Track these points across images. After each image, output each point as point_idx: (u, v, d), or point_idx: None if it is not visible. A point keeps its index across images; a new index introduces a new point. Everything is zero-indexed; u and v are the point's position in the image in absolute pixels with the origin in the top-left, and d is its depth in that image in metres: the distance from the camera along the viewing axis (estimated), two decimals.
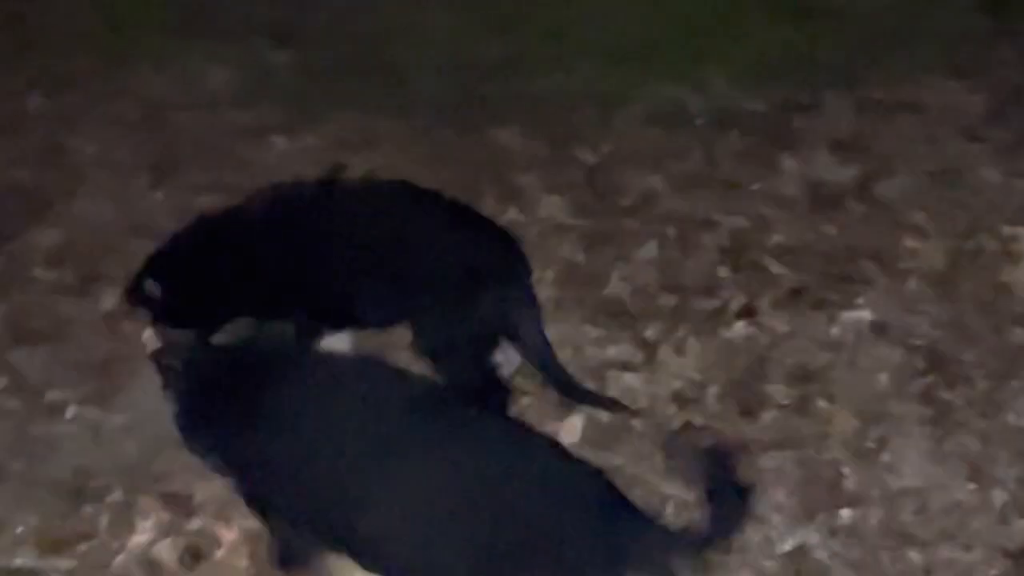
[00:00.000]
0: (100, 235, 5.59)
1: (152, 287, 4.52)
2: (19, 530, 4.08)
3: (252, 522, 4.00)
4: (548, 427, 4.53)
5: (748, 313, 5.06)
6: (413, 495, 3.32)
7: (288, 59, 7.11)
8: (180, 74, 6.91)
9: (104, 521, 4.08)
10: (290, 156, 6.24)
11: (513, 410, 4.59)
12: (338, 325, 4.61)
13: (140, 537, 4.05)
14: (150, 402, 4.53)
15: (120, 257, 5.40)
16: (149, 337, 4.69)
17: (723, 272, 5.32)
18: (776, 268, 5.32)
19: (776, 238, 5.52)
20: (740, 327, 4.99)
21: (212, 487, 4.19)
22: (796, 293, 5.16)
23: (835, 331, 4.95)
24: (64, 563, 4.01)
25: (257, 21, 7.40)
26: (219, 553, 3.94)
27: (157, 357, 4.04)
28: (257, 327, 4.11)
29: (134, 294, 4.57)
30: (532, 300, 4.48)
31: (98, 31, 7.30)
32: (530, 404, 4.65)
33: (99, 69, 6.93)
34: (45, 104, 6.63)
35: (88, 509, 4.17)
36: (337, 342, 4.68)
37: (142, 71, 6.90)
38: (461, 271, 4.33)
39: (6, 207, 5.74)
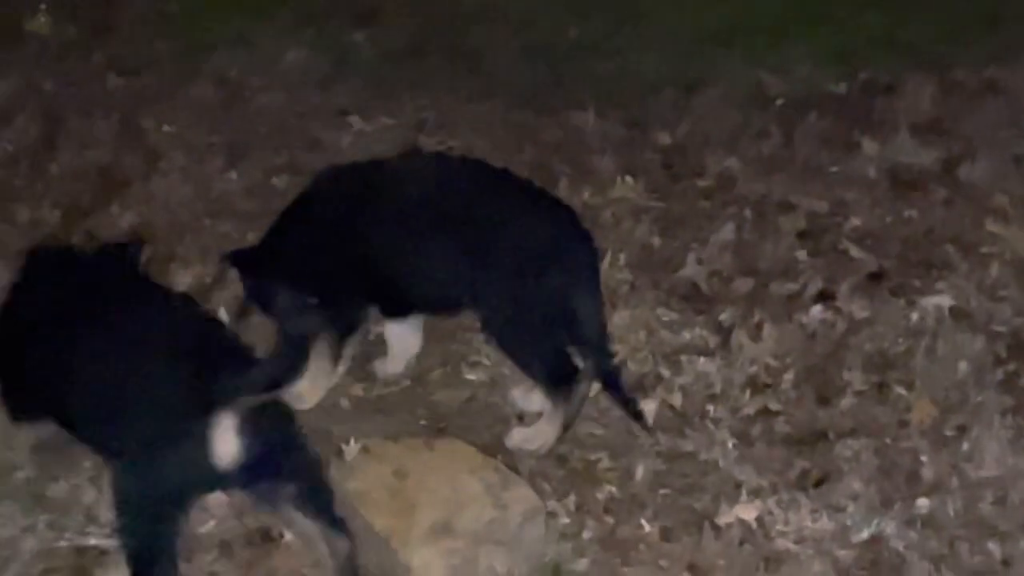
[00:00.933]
0: (175, 215, 5.62)
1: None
2: (90, 508, 4.09)
3: None
4: (622, 411, 4.49)
5: (826, 297, 4.97)
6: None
7: (366, 39, 7.11)
8: (258, 55, 6.93)
9: None
10: (366, 137, 6.23)
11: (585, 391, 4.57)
12: (402, 310, 4.59)
13: (212, 516, 4.04)
14: None
15: (194, 237, 5.45)
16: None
17: (801, 256, 5.24)
18: (855, 252, 5.23)
19: (855, 221, 5.43)
20: (817, 312, 4.91)
21: None
22: (875, 278, 5.08)
23: (915, 317, 4.85)
24: None
25: (337, 1, 7.41)
26: (288, 534, 3.92)
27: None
28: None
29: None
30: (594, 287, 4.38)
31: (177, 13, 7.36)
32: (602, 388, 4.59)
33: (177, 50, 6.98)
34: (123, 85, 6.67)
35: None
36: (406, 330, 4.66)
37: (220, 52, 6.92)
38: (525, 253, 4.28)
39: (80, 188, 5.77)
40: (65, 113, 6.37)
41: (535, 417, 4.41)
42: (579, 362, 4.34)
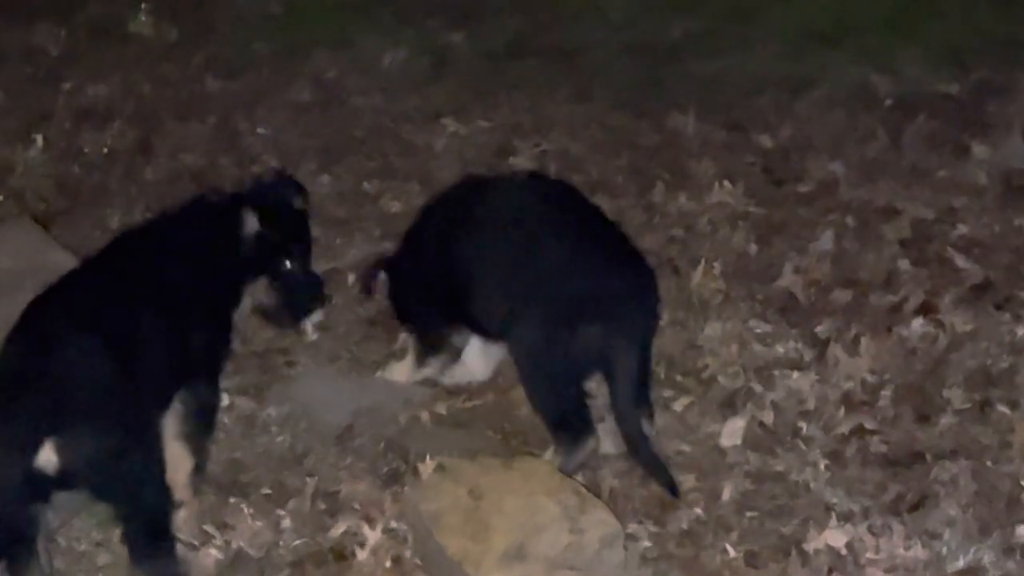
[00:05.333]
0: None
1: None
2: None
3: (397, 524, 3.93)
4: (710, 428, 4.36)
5: (928, 310, 4.77)
6: None
7: (463, 40, 7.03)
8: (356, 57, 6.89)
9: (248, 515, 4.01)
10: (460, 140, 6.15)
11: (674, 410, 4.43)
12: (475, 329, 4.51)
13: (284, 533, 3.98)
14: (305, 395, 4.52)
15: None
16: (309, 328, 4.67)
17: (903, 265, 5.04)
18: (960, 262, 5.02)
19: (962, 230, 5.22)
20: (918, 325, 4.71)
21: (360, 486, 4.13)
22: (980, 290, 4.87)
23: (1020, 332, 4.64)
24: (212, 552, 3.97)
25: (435, 1, 7.33)
26: (361, 555, 3.85)
27: None
28: None
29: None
30: (636, 349, 4.13)
31: (276, 15, 7.35)
32: (691, 403, 4.47)
33: (275, 53, 6.97)
34: (220, 88, 6.66)
35: (235, 502, 4.12)
36: (481, 349, 4.57)
37: (318, 55, 6.90)
38: (571, 294, 4.11)
39: (174, 192, 5.75)
40: (162, 115, 6.39)
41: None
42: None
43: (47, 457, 3.50)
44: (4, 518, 3.56)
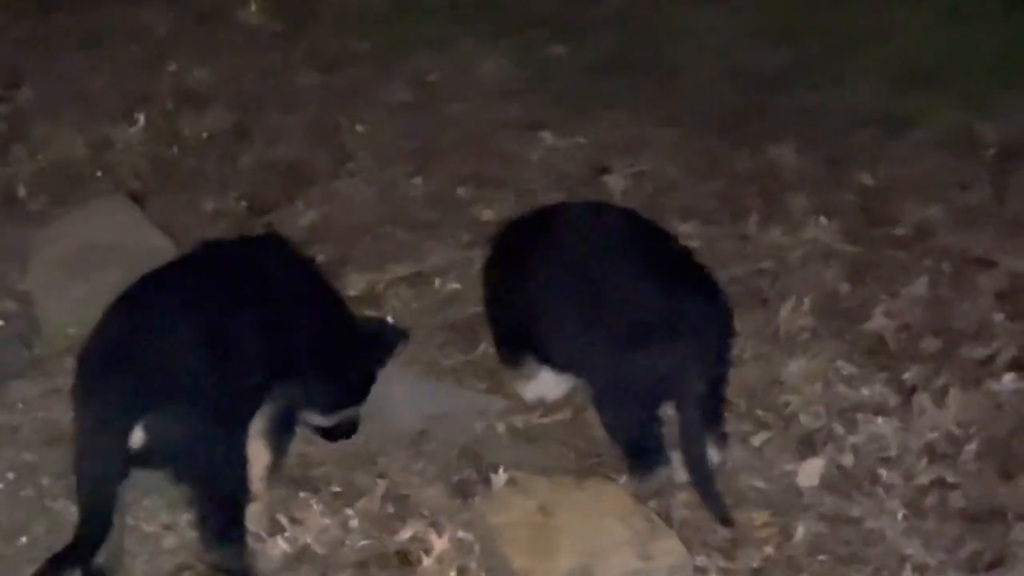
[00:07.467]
0: (356, 217, 5.58)
1: None
2: None
3: (464, 534, 3.89)
4: (786, 466, 4.29)
5: (1020, 366, 4.66)
6: None
7: (565, 53, 7.00)
8: (455, 61, 6.87)
9: (317, 511, 4.00)
10: (556, 153, 6.11)
11: (752, 444, 4.37)
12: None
13: (351, 533, 3.96)
14: (380, 396, 4.49)
15: (372, 242, 5.41)
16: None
17: (997, 318, 4.93)
18: None
19: None
20: (1009, 380, 4.60)
21: (431, 492, 4.11)
22: None
23: None
24: (280, 544, 3.96)
25: (538, 12, 7.32)
26: (427, 561, 3.82)
27: None
28: None
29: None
30: (707, 368, 4.05)
31: (378, 11, 7.34)
32: (770, 439, 4.40)
33: (375, 50, 6.96)
34: (318, 82, 6.67)
35: (304, 497, 4.10)
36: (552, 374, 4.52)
37: (418, 55, 6.89)
38: (639, 321, 4.05)
39: (267, 181, 5.78)
40: (261, 105, 6.41)
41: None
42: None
43: (135, 434, 3.50)
44: (102, 496, 3.55)
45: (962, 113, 6.27)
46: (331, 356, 4.15)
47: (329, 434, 4.30)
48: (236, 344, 3.78)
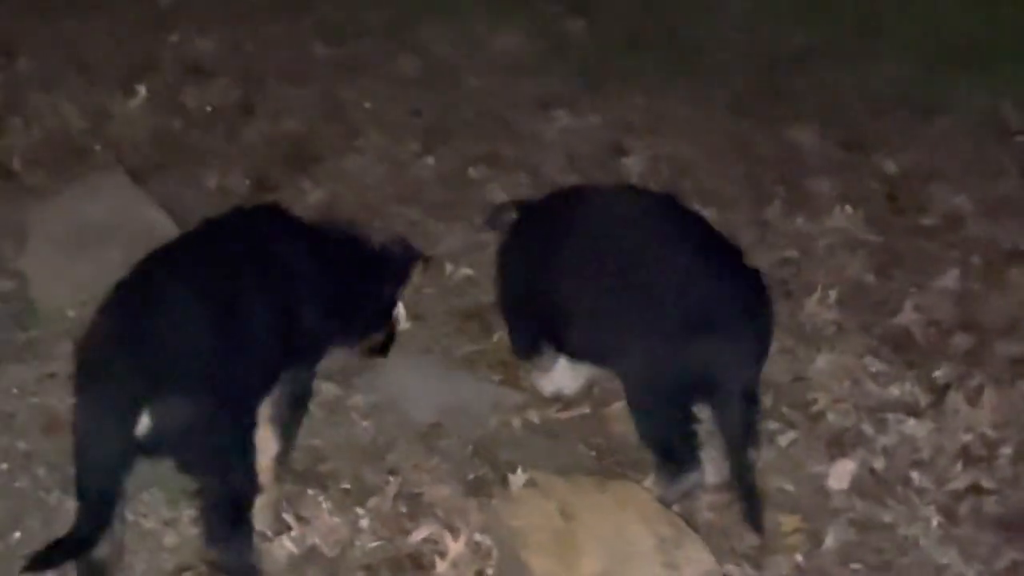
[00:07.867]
0: (364, 197, 5.38)
1: None
2: None
3: (481, 537, 3.72)
4: (816, 468, 4.11)
5: None
6: None
7: (581, 28, 6.81)
8: (467, 34, 6.68)
9: (326, 510, 3.82)
10: (571, 133, 5.92)
11: (779, 444, 4.19)
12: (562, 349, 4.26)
13: (361, 533, 3.78)
14: (393, 386, 4.31)
15: (381, 223, 5.17)
16: (400, 314, 4.46)
17: None
18: None
19: None
20: None
21: (444, 491, 3.92)
22: None
23: None
24: (286, 544, 3.78)
25: None
26: (441, 566, 3.64)
27: None
28: None
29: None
30: (750, 362, 3.88)
31: None
32: (797, 439, 4.22)
33: (385, 22, 6.76)
34: (327, 54, 6.47)
35: (313, 494, 3.92)
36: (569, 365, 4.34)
37: (429, 27, 6.69)
38: (680, 313, 3.84)
39: (273, 158, 5.57)
40: (266, 77, 6.21)
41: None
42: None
43: (141, 420, 3.32)
44: (103, 488, 3.36)
45: (992, 98, 6.10)
46: (345, 302, 3.95)
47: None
48: (245, 326, 3.60)
